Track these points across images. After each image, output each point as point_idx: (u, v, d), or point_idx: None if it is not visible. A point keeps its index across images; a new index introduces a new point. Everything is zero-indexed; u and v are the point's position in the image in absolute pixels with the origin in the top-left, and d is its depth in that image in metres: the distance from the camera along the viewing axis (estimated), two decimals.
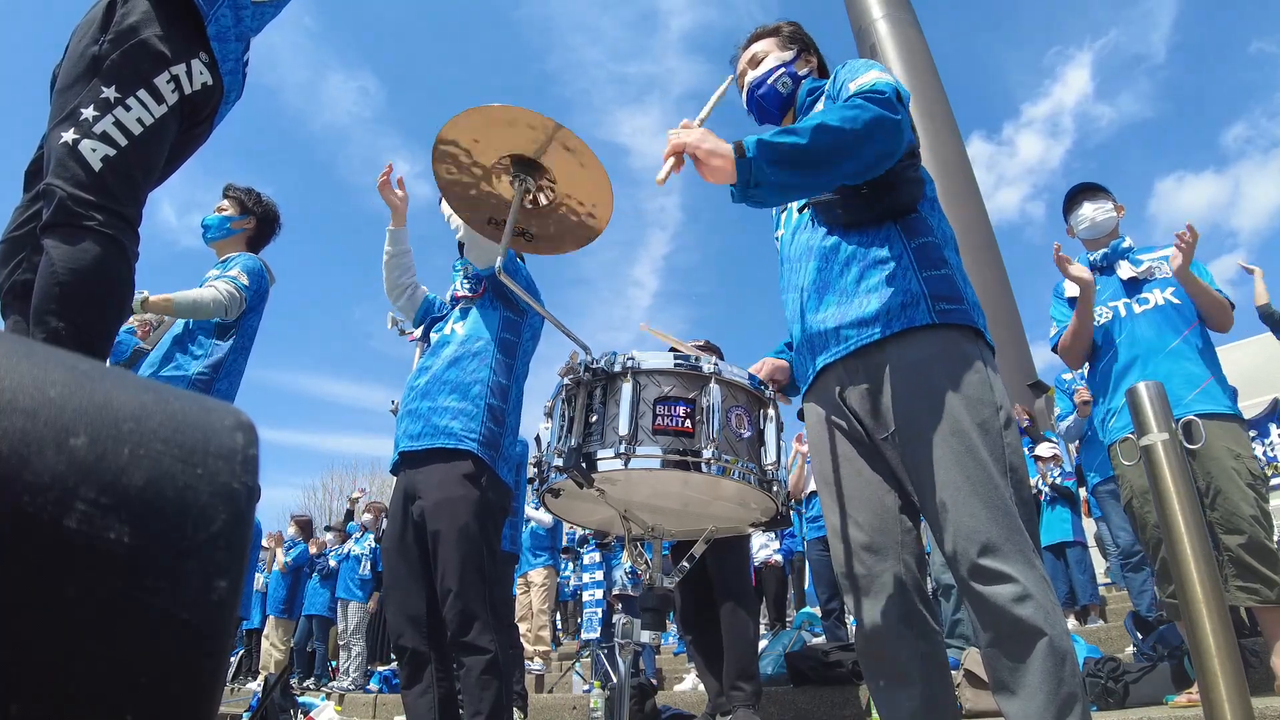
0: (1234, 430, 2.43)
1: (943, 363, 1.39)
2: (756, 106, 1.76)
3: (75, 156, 1.35)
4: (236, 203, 2.76)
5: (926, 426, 1.37)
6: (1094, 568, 5.39)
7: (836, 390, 1.51)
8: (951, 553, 1.31)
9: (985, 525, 1.28)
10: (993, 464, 1.33)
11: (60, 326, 1.30)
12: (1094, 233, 2.78)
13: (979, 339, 1.46)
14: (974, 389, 1.38)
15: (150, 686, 0.25)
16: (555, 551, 6.56)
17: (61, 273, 1.30)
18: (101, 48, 1.42)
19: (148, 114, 1.43)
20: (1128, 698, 2.66)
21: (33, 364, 0.26)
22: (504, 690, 2.00)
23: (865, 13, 13.43)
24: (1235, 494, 2.31)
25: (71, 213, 1.33)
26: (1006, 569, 1.25)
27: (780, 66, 1.73)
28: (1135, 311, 2.62)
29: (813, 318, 1.55)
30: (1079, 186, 2.85)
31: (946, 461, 1.33)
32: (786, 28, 1.80)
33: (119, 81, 1.41)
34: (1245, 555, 2.27)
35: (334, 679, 7.22)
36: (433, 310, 2.63)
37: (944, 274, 1.47)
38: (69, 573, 0.24)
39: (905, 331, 1.42)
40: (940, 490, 1.33)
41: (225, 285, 2.45)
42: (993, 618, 1.26)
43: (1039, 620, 1.22)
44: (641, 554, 1.50)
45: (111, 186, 1.37)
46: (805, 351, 1.60)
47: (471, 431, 2.14)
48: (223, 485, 0.29)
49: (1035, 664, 1.22)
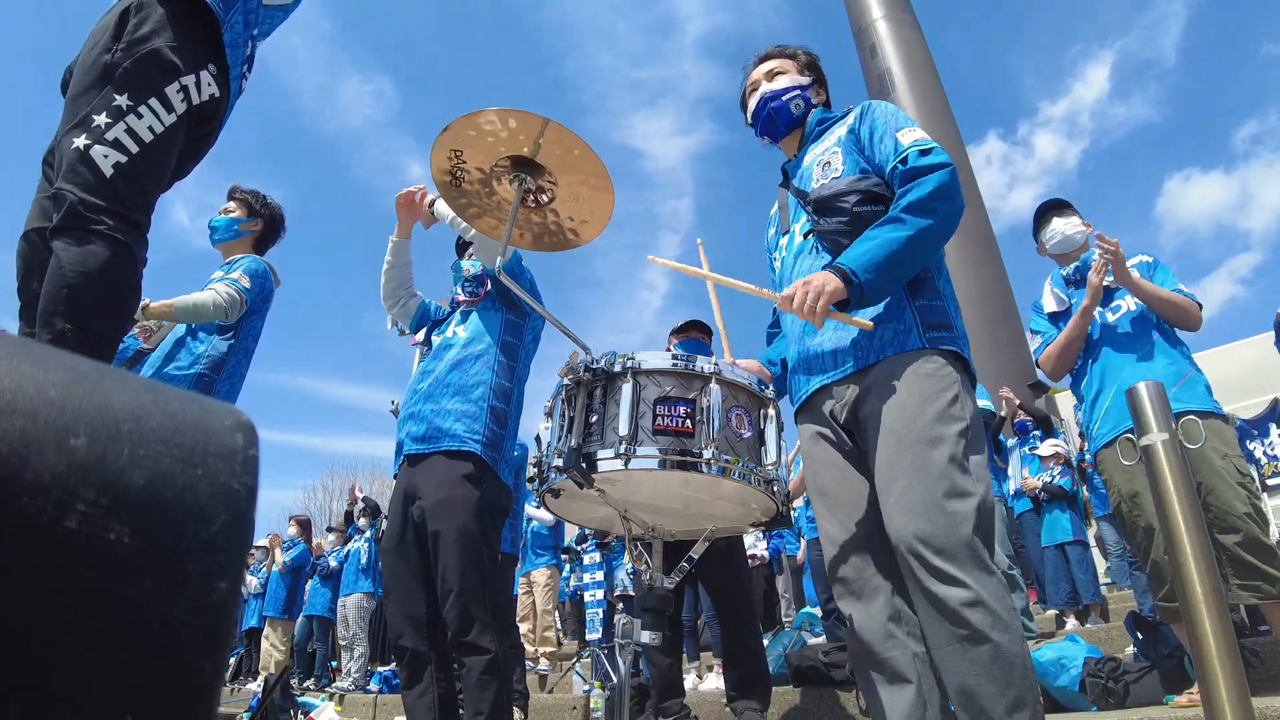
0: (1219, 429, 2.43)
1: (916, 375, 1.46)
2: (766, 118, 1.81)
3: (86, 162, 1.37)
4: (243, 204, 2.76)
5: (891, 430, 1.43)
6: (1095, 567, 5.38)
7: (829, 406, 1.59)
8: (905, 552, 1.36)
9: (940, 530, 1.33)
10: (958, 473, 1.38)
11: (66, 328, 1.31)
12: (1064, 247, 2.82)
13: (963, 366, 1.53)
14: (946, 404, 1.44)
15: (150, 686, 0.25)
16: (558, 551, 6.56)
17: (70, 275, 1.32)
18: (114, 56, 1.44)
19: (158, 122, 1.45)
20: (1128, 698, 2.66)
21: (33, 365, 0.26)
22: (504, 690, 2.01)
23: (865, 12, 13.44)
24: (1227, 492, 2.31)
25: (82, 217, 1.35)
26: (959, 574, 1.30)
27: (797, 88, 1.81)
28: (1109, 320, 2.64)
29: (811, 341, 1.64)
30: (1047, 203, 2.92)
31: (910, 467, 1.39)
32: (804, 56, 1.88)
33: (131, 89, 1.43)
34: (1242, 553, 2.27)
35: (334, 679, 7.22)
36: (429, 315, 2.63)
37: (938, 305, 1.56)
38: (69, 573, 0.24)
39: (894, 355, 1.50)
40: (897, 492, 1.39)
41: (225, 288, 2.45)
42: (940, 619, 1.31)
43: (986, 626, 1.27)
44: (642, 554, 1.50)
45: (122, 192, 1.40)
46: (802, 371, 1.67)
47: (475, 433, 2.14)
48: (223, 485, 0.29)
49: (982, 667, 1.27)
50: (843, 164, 1.64)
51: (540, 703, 4.38)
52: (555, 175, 1.60)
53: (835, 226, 1.58)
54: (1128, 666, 2.78)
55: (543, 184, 1.62)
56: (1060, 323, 2.77)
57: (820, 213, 1.61)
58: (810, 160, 1.73)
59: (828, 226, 1.59)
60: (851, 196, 1.57)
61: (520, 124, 1.48)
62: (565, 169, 1.58)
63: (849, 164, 1.63)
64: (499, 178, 1.63)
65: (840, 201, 1.58)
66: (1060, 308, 2.80)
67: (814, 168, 1.70)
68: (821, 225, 1.60)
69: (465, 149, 1.55)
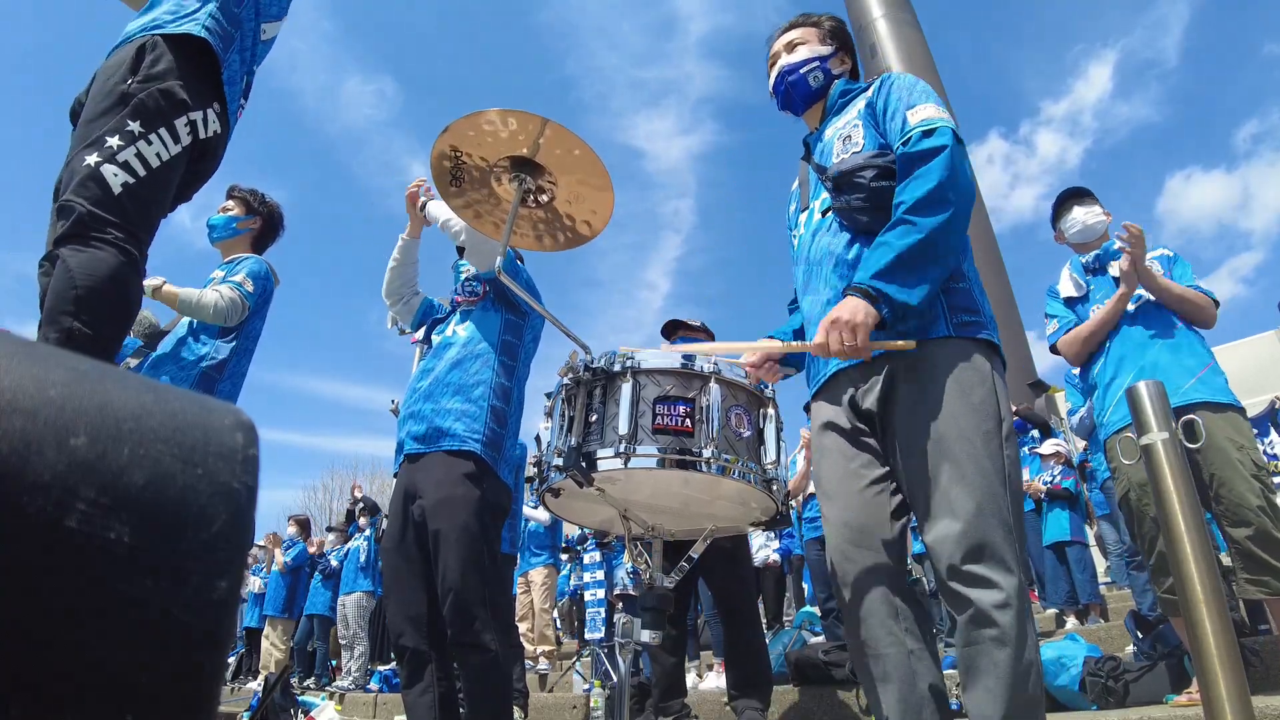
0: (1235, 420, 2.42)
1: (953, 372, 1.41)
2: (784, 93, 1.76)
3: (96, 179, 1.44)
4: (241, 203, 2.76)
5: (931, 431, 1.38)
6: (1095, 566, 5.38)
7: (849, 393, 1.53)
8: (937, 552, 1.34)
9: (981, 530, 1.31)
10: (994, 472, 1.35)
11: (75, 326, 1.35)
12: (1085, 236, 2.82)
13: (993, 353, 1.48)
14: (981, 399, 1.40)
15: (150, 686, 0.25)
16: (555, 550, 6.56)
17: (79, 278, 1.37)
18: (130, 86, 1.54)
19: (165, 151, 1.55)
20: (1128, 697, 2.65)
21: (33, 364, 0.26)
22: (505, 689, 2.00)
23: (865, 11, 13.44)
24: (1240, 485, 2.29)
25: (90, 226, 1.41)
26: (992, 575, 1.28)
27: (815, 59, 1.74)
28: (1128, 310, 2.64)
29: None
30: (1068, 191, 2.90)
31: (947, 466, 1.36)
32: (828, 22, 1.80)
33: (144, 118, 1.53)
34: (1253, 547, 2.24)
35: (335, 678, 7.22)
36: (431, 313, 2.63)
37: (963, 287, 1.50)
38: (69, 572, 0.24)
39: (922, 341, 1.43)
40: (940, 493, 1.35)
41: (229, 291, 2.45)
42: (971, 619, 1.29)
43: (1014, 629, 1.26)
44: (642, 553, 1.50)
45: (130, 210, 1.47)
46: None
47: (475, 433, 2.14)
48: (223, 485, 0.29)
49: (1003, 669, 1.26)
50: (863, 138, 1.58)
51: (540, 702, 4.38)
52: (555, 175, 1.60)
53: (853, 203, 1.53)
54: (1128, 665, 2.78)
55: (543, 184, 1.62)
56: (1077, 308, 2.76)
57: (839, 189, 1.56)
58: (831, 134, 1.67)
59: (845, 203, 1.54)
60: (868, 171, 1.51)
61: (520, 124, 1.48)
62: (565, 169, 1.58)
63: (869, 138, 1.58)
64: (499, 178, 1.63)
65: (858, 176, 1.52)
66: (1079, 293, 2.78)
67: (835, 141, 1.64)
68: (840, 202, 1.55)
69: (465, 149, 1.55)
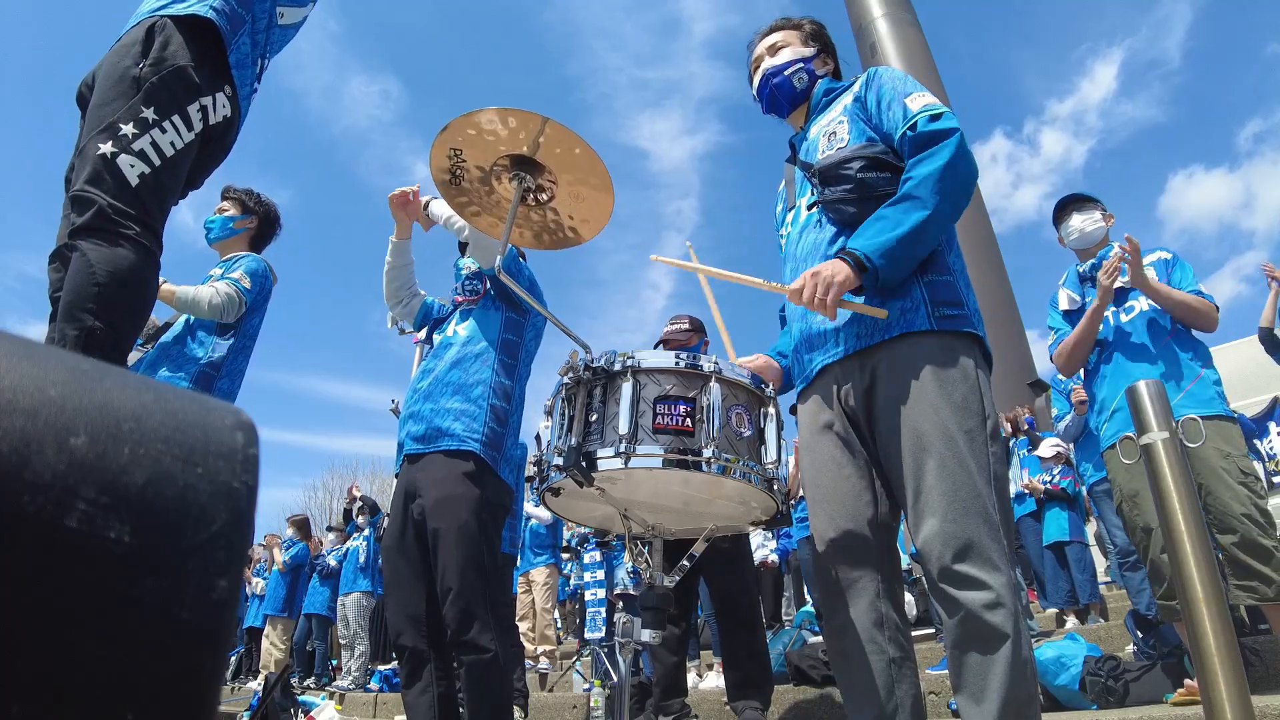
0: (1223, 429, 2.43)
1: (935, 368, 1.40)
2: (768, 95, 1.76)
3: (112, 170, 1.43)
4: (237, 203, 2.77)
5: (914, 430, 1.38)
6: (1094, 566, 5.38)
7: (835, 389, 1.52)
8: (926, 553, 1.33)
9: (965, 530, 1.30)
10: (977, 471, 1.34)
11: (96, 325, 1.35)
12: (1083, 243, 2.82)
13: (976, 346, 1.47)
14: (963, 396, 1.39)
15: (150, 686, 0.25)
16: (556, 550, 6.56)
17: (100, 274, 1.36)
18: (142, 70, 1.51)
19: (179, 138, 1.53)
20: (1128, 696, 2.66)
21: (33, 364, 0.26)
22: (505, 689, 2.00)
23: (865, 11, 13.44)
24: (1224, 493, 2.32)
25: (111, 220, 1.40)
26: (981, 575, 1.27)
27: (799, 61, 1.75)
28: (1122, 320, 2.65)
29: (815, 318, 1.56)
30: (1068, 198, 2.90)
31: (931, 465, 1.35)
32: (809, 25, 1.81)
33: (158, 104, 1.50)
34: (1239, 553, 2.29)
35: (335, 678, 7.23)
36: (433, 313, 2.63)
37: (946, 280, 1.48)
38: (69, 572, 0.24)
39: (903, 335, 1.43)
40: (923, 493, 1.35)
41: (225, 287, 2.45)
42: (962, 621, 1.28)
43: (1007, 628, 1.25)
44: (642, 553, 1.50)
45: (147, 202, 1.47)
46: (804, 349, 1.60)
47: (475, 432, 2.14)
48: (223, 485, 0.29)
49: (999, 669, 1.24)
50: (849, 133, 1.59)
51: (540, 701, 4.38)
52: (555, 174, 1.60)
53: (840, 195, 1.53)
54: (1128, 665, 2.78)
55: (542, 183, 1.62)
56: (1073, 320, 2.77)
57: (825, 182, 1.56)
58: (816, 132, 1.68)
59: (832, 196, 1.54)
60: (856, 162, 1.52)
61: (519, 123, 1.47)
62: (565, 167, 1.58)
63: (855, 132, 1.59)
64: (499, 176, 1.63)
65: (844, 169, 1.53)
66: (1073, 307, 2.80)
67: (820, 139, 1.65)
68: (826, 195, 1.55)
69: (465, 148, 1.55)
